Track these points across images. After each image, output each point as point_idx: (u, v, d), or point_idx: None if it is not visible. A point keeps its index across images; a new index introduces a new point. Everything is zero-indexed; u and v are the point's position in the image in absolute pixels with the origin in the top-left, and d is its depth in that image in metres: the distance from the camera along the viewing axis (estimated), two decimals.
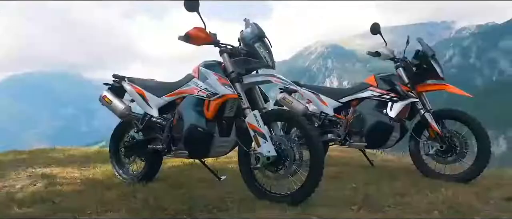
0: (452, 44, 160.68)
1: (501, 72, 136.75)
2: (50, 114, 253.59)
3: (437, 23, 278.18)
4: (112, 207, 2.49)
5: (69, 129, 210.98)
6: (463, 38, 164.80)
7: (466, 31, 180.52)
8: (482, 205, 2.54)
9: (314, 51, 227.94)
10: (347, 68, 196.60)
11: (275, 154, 2.49)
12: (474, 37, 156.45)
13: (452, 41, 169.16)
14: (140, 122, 3.15)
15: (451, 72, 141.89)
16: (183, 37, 2.64)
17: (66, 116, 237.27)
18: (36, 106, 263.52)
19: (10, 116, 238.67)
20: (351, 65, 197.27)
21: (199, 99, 2.78)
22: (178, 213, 2.38)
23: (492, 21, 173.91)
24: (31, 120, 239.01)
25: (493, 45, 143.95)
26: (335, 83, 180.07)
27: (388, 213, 2.40)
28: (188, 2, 2.61)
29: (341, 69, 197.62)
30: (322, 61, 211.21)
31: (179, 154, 2.97)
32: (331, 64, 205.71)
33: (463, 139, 3.33)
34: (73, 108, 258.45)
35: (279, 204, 2.49)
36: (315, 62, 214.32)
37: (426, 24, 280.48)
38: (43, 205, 2.61)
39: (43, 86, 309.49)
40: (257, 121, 2.53)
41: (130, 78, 3.36)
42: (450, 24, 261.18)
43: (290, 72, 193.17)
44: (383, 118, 3.57)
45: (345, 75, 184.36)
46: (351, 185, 3.15)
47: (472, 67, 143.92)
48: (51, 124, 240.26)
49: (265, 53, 2.68)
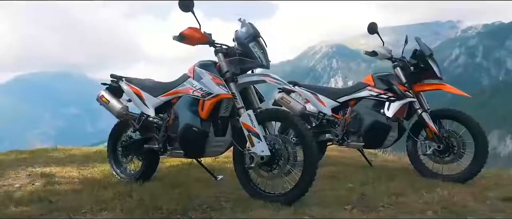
0: (458, 44, 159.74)
1: (508, 71, 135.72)
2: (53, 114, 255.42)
3: (443, 22, 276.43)
4: (107, 206, 2.51)
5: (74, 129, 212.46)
6: (469, 37, 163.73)
7: (472, 30, 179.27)
8: (478, 205, 2.53)
9: (319, 51, 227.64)
10: (352, 68, 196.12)
11: (268, 154, 2.49)
12: (480, 37, 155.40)
13: (458, 40, 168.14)
14: (136, 122, 3.17)
15: (457, 71, 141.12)
16: (178, 37, 2.66)
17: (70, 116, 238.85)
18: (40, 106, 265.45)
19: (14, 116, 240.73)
20: (356, 65, 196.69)
21: (194, 99, 2.79)
22: (171, 212, 2.39)
23: (498, 20, 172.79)
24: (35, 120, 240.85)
25: (499, 44, 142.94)
26: (340, 83, 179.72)
27: (382, 213, 2.39)
28: (182, 2, 2.62)
29: (346, 69, 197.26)
30: (327, 61, 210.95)
31: (175, 154, 2.99)
32: (336, 64, 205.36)
33: (460, 139, 3.31)
34: (76, 108, 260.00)
35: (273, 203, 2.49)
36: (320, 62, 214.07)
37: (431, 23, 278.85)
38: (40, 204, 2.63)
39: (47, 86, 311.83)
40: (251, 120, 2.54)
41: (128, 78, 3.38)
42: (455, 23, 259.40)
43: (294, 72, 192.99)
44: (380, 118, 3.56)
45: (350, 75, 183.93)
46: (348, 185, 3.14)
47: (479, 67, 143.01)
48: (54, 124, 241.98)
49: (260, 53, 2.69)
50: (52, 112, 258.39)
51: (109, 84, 3.41)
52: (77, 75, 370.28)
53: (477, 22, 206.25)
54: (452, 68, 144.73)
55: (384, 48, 3.67)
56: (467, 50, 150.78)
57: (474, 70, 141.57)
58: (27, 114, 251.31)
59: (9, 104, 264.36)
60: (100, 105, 3.36)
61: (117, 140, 3.48)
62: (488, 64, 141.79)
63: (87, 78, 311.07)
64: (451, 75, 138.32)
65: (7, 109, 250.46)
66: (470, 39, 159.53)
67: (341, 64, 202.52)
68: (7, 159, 4.62)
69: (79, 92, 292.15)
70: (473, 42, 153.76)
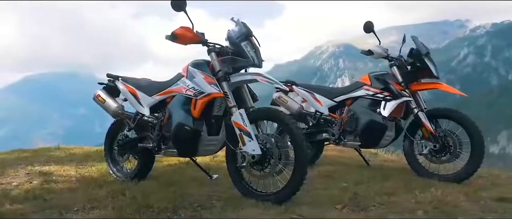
0: (466, 43, 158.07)
1: None
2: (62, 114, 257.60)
3: (451, 21, 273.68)
4: (99, 204, 2.53)
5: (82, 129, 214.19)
6: (478, 36, 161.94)
7: (481, 29, 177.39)
8: (470, 205, 2.50)
9: (325, 51, 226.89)
10: (359, 67, 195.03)
11: (260, 153, 2.50)
12: (489, 36, 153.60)
13: (467, 39, 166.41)
14: (132, 121, 3.19)
15: (466, 71, 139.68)
16: (170, 37, 2.67)
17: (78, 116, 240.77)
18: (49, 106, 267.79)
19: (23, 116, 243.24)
20: (363, 64, 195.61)
21: (187, 98, 2.80)
22: (162, 210, 2.40)
23: (507, 19, 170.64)
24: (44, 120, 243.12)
25: (509, 43, 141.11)
26: (347, 82, 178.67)
27: (372, 212, 2.38)
28: (175, 2, 2.63)
29: (353, 68, 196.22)
30: (334, 60, 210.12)
31: (169, 153, 3.01)
32: (343, 63, 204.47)
33: (457, 139, 3.28)
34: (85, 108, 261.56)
35: (264, 202, 2.49)
36: (327, 61, 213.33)
37: (439, 22, 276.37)
38: (34, 202, 2.66)
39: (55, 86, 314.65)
40: (243, 119, 2.55)
41: (124, 78, 3.40)
42: (464, 22, 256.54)
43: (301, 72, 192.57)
44: (376, 117, 3.54)
45: (357, 74, 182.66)
46: (342, 184, 3.13)
47: (488, 66, 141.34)
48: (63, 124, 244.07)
49: (252, 52, 2.69)
50: (61, 112, 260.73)
51: (106, 84, 3.45)
52: (85, 76, 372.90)
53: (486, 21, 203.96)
54: (460, 67, 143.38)
55: (380, 47, 3.66)
56: (476, 49, 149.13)
57: (482, 69, 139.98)
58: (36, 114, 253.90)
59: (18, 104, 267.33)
60: (97, 104, 3.40)
61: (114, 139, 3.51)
62: (497, 63, 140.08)
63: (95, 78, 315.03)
64: (459, 74, 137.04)
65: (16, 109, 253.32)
66: (479, 38, 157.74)
67: (348, 63, 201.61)
68: (8, 157, 4.68)
69: (87, 92, 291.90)
70: (481, 41, 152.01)
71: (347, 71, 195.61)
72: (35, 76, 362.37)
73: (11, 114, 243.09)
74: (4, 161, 4.37)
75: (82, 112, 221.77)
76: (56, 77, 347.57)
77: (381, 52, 3.63)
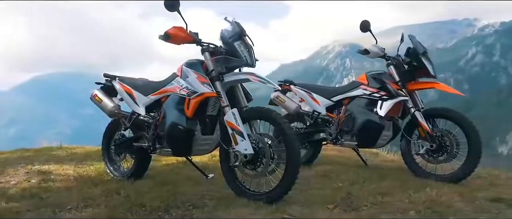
0: (474, 42, 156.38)
1: None
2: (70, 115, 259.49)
3: (459, 20, 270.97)
4: (93, 203, 2.56)
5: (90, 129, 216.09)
6: (487, 35, 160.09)
7: (489, 28, 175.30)
8: (464, 205, 2.48)
9: (332, 50, 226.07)
10: (365, 67, 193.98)
11: (252, 152, 2.50)
12: (497, 35, 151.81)
13: (475, 38, 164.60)
14: (127, 121, 3.21)
15: (474, 70, 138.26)
16: (163, 36, 2.69)
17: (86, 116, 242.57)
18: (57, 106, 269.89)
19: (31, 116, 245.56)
20: (370, 64, 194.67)
21: (181, 98, 2.81)
22: (154, 209, 2.42)
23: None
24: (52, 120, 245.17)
25: None
26: None
27: (364, 212, 2.37)
28: (168, 2, 2.64)
29: (360, 68, 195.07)
30: (340, 60, 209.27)
31: (163, 152, 3.02)
32: (350, 63, 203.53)
33: (454, 138, 3.25)
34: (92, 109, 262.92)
35: (256, 202, 2.50)
36: (333, 61, 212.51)
37: (447, 21, 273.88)
38: (31, 200, 2.70)
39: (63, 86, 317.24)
40: (235, 119, 2.56)
41: (121, 78, 3.43)
42: (472, 21, 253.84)
43: (307, 71, 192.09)
44: (373, 117, 3.53)
45: None
46: (337, 184, 3.12)
47: (496, 65, 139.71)
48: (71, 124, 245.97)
49: (245, 51, 2.69)
50: (69, 112, 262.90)
51: (103, 84, 3.47)
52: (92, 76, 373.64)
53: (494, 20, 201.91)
54: (468, 67, 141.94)
55: (376, 46, 3.64)
56: (484, 48, 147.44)
57: (491, 69, 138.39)
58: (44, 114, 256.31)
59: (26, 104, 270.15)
60: (94, 104, 3.43)
61: (111, 139, 3.54)
62: (505, 63, 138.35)
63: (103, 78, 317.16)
64: (467, 74, 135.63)
65: (25, 110, 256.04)
66: (487, 37, 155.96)
67: (354, 63, 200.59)
68: (11, 157, 4.74)
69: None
70: (490, 41, 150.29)
71: (354, 71, 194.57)
72: (43, 76, 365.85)
73: (19, 114, 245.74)
74: (6, 160, 4.43)
75: (89, 112, 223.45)
76: (64, 77, 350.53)
77: (378, 51, 3.61)
